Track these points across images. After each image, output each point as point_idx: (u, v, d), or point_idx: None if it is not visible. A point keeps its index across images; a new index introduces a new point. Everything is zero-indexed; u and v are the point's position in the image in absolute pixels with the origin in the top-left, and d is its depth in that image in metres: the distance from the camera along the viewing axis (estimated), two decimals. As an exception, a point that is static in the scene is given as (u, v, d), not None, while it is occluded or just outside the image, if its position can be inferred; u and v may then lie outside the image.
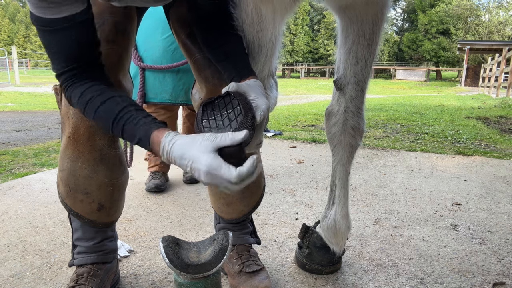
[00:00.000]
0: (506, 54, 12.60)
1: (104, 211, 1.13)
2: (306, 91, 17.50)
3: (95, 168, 1.08)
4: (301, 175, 2.61)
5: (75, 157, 1.07)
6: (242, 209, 1.29)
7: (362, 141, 1.23)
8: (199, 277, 0.96)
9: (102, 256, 1.17)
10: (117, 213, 1.19)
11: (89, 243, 1.16)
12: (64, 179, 1.10)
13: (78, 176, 1.08)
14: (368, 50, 1.11)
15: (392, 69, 35.19)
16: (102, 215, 1.13)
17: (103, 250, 1.18)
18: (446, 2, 35.52)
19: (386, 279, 1.32)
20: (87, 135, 1.05)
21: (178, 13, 1.20)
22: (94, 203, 1.11)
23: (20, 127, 5.08)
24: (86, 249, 1.16)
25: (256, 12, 0.99)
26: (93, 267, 1.15)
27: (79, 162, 1.07)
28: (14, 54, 15.90)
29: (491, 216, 1.91)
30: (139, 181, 2.43)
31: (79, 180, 1.08)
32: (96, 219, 1.13)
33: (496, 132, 4.54)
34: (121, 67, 1.08)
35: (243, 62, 1.01)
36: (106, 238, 1.20)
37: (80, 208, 1.11)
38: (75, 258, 1.17)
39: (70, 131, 1.05)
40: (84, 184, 1.08)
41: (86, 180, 1.08)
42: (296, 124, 5.16)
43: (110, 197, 1.13)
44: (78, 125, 1.04)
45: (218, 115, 0.90)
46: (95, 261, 1.16)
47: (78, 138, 1.05)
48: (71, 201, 1.11)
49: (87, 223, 1.14)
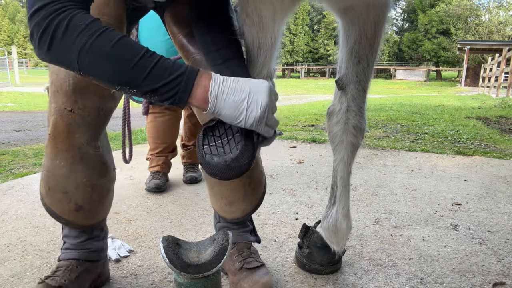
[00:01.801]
0: (506, 54, 12.60)
1: (82, 212, 1.12)
2: (306, 91, 17.50)
3: (74, 167, 1.06)
4: (301, 175, 2.61)
5: (54, 155, 1.06)
6: (245, 208, 1.29)
7: (363, 140, 1.23)
8: (199, 277, 0.96)
9: (86, 253, 1.17)
10: (97, 216, 1.18)
11: (75, 241, 1.17)
12: (44, 178, 1.09)
13: (57, 174, 1.07)
14: (370, 50, 1.11)
15: (392, 69, 35.18)
16: (80, 216, 1.12)
17: (88, 249, 1.18)
18: (446, 2, 35.53)
19: (386, 279, 1.32)
20: (66, 132, 1.04)
21: (176, 13, 1.19)
22: (71, 203, 1.10)
23: (20, 127, 5.08)
24: (71, 245, 1.17)
25: (257, 13, 1.00)
26: (73, 262, 1.15)
27: (57, 160, 1.05)
28: (14, 54, 15.90)
29: (491, 216, 1.91)
30: (139, 181, 2.43)
31: (57, 178, 1.07)
32: (73, 220, 1.12)
33: (496, 132, 4.54)
34: None
35: (240, 67, 1.01)
36: (92, 237, 1.20)
37: (58, 208, 1.10)
38: (62, 253, 1.19)
39: (51, 128, 1.05)
40: (62, 183, 1.07)
41: (64, 179, 1.07)
42: (296, 124, 5.16)
43: (88, 198, 1.11)
44: (58, 122, 1.03)
45: (219, 141, 0.91)
46: (76, 257, 1.16)
47: (58, 136, 1.04)
48: (50, 200, 1.11)
49: (64, 223, 1.14)
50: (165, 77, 0.72)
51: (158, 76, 0.72)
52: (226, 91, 0.78)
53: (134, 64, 0.71)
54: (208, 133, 0.93)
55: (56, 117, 1.03)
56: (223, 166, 0.87)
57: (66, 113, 1.03)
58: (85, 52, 0.71)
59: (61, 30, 0.70)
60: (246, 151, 0.87)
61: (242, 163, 0.87)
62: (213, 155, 0.89)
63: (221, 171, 0.87)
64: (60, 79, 1.03)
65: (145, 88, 0.73)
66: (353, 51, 1.13)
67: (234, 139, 0.89)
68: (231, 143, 0.89)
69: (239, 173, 0.88)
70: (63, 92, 1.03)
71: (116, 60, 0.72)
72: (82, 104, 1.04)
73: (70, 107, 1.03)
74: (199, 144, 0.92)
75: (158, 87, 0.73)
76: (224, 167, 0.86)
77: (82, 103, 1.04)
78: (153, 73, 0.72)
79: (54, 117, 1.04)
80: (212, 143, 0.91)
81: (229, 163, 0.86)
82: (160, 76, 0.72)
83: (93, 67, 0.72)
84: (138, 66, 0.71)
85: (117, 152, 3.19)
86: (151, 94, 0.74)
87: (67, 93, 1.03)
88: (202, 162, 0.90)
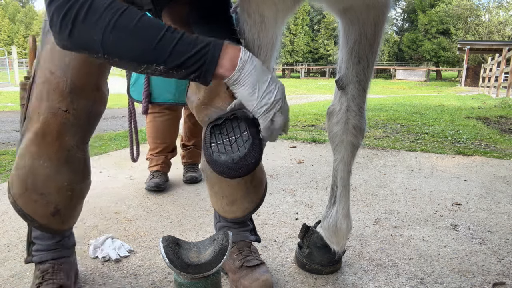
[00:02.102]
0: (506, 54, 12.60)
1: (58, 217, 1.10)
2: (306, 91, 17.50)
3: (58, 169, 1.04)
4: (301, 175, 2.61)
5: (38, 155, 1.03)
6: (247, 207, 1.29)
7: (363, 140, 1.23)
8: (199, 277, 0.96)
9: (62, 251, 1.17)
10: (70, 220, 1.17)
11: (49, 242, 1.15)
12: (22, 177, 1.05)
13: (38, 175, 1.04)
14: (370, 50, 1.11)
15: (392, 69, 35.19)
16: (55, 220, 1.10)
17: (63, 246, 1.18)
18: (446, 2, 35.53)
19: (386, 279, 1.32)
20: (57, 133, 1.02)
21: (174, 13, 1.19)
22: (49, 205, 1.07)
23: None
24: (45, 247, 1.15)
25: (259, 13, 1.00)
26: (55, 262, 1.14)
27: (41, 160, 1.03)
28: (14, 54, 15.89)
29: (491, 216, 1.91)
30: (139, 181, 2.43)
31: (38, 179, 1.04)
32: (47, 223, 1.10)
33: (496, 132, 4.54)
34: (101, 73, 1.09)
35: None
36: (65, 236, 1.19)
37: (33, 210, 1.07)
38: (33, 255, 1.15)
39: (39, 127, 1.01)
40: (42, 184, 1.05)
41: (46, 180, 1.04)
42: (296, 124, 5.16)
43: (68, 202, 1.10)
44: (49, 122, 1.01)
45: (227, 139, 0.91)
46: (55, 257, 1.15)
47: (47, 136, 1.01)
48: (25, 202, 1.07)
49: (36, 227, 1.10)
50: (189, 50, 0.72)
51: (183, 51, 0.72)
52: (255, 63, 0.79)
53: (159, 40, 0.70)
54: (215, 131, 0.93)
55: (47, 116, 1.01)
56: (230, 164, 0.87)
57: (60, 113, 1.01)
58: (109, 31, 0.70)
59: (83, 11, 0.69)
60: (253, 150, 0.88)
61: (249, 162, 0.88)
62: (221, 153, 0.89)
63: (228, 170, 0.87)
64: (56, 78, 1.00)
65: (171, 64, 0.73)
66: (353, 51, 1.13)
67: (241, 138, 0.90)
68: (239, 141, 0.90)
69: (246, 171, 0.88)
70: (59, 91, 1.01)
71: (140, 37, 0.70)
72: (77, 105, 1.03)
73: (66, 108, 1.01)
74: (206, 142, 0.92)
75: (183, 61, 0.73)
76: (232, 165, 0.87)
77: (77, 105, 1.03)
78: (177, 48, 0.72)
79: (45, 116, 1.01)
80: (219, 141, 0.91)
81: (236, 161, 0.87)
82: (184, 51, 0.72)
83: (119, 47, 0.71)
84: (162, 42, 0.71)
85: (121, 151, 3.21)
86: (178, 68, 0.74)
87: (63, 93, 1.01)
88: (209, 160, 0.90)
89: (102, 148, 3.40)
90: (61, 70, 1.01)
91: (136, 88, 2.10)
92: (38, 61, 1.04)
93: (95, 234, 1.65)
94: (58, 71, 1.01)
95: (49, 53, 1.02)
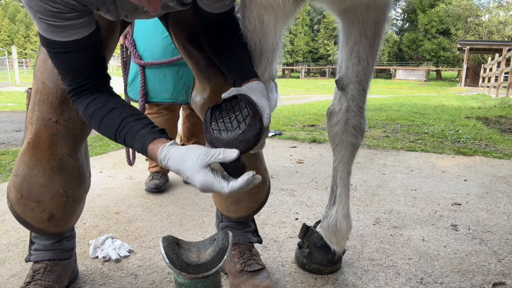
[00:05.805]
0: (506, 54, 12.60)
1: (54, 221, 1.12)
2: (306, 91, 17.50)
3: (52, 177, 1.07)
4: (301, 175, 2.61)
5: (32, 164, 1.06)
6: (251, 206, 1.29)
7: (363, 140, 1.23)
8: (199, 277, 0.96)
9: (60, 253, 1.18)
10: (68, 224, 1.18)
11: (47, 242, 1.17)
12: (17, 185, 1.09)
13: (33, 183, 1.07)
14: (370, 50, 1.11)
15: (392, 69, 35.16)
16: (51, 225, 1.13)
17: (61, 248, 1.19)
18: (446, 2, 35.53)
19: (386, 279, 1.32)
20: (49, 143, 1.04)
21: (180, 16, 1.19)
22: (45, 212, 1.10)
23: (20, 127, 5.07)
24: (43, 246, 1.17)
25: (259, 19, 1.01)
26: (50, 263, 1.15)
27: (35, 170, 1.06)
28: (14, 54, 15.89)
29: (491, 216, 1.91)
30: (139, 181, 2.43)
31: (33, 187, 1.07)
32: (44, 228, 1.13)
33: (496, 132, 4.54)
34: None
35: (246, 64, 1.02)
36: (64, 237, 1.20)
37: (30, 217, 1.10)
38: (32, 254, 1.18)
39: (31, 137, 1.04)
40: (37, 192, 1.07)
41: (40, 188, 1.07)
42: (296, 124, 5.16)
43: (63, 208, 1.12)
44: (40, 132, 1.03)
45: (227, 117, 0.93)
46: (52, 258, 1.16)
47: (38, 145, 1.04)
48: (21, 209, 1.10)
49: (35, 231, 1.14)
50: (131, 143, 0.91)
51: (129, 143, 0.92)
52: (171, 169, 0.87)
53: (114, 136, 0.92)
54: (215, 111, 0.95)
55: (38, 127, 1.03)
56: (231, 139, 0.88)
57: (51, 124, 1.03)
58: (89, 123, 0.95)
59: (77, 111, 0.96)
60: (253, 125, 0.89)
61: (249, 137, 0.88)
62: (221, 131, 0.91)
63: (229, 145, 0.88)
64: (47, 89, 1.02)
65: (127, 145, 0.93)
66: (353, 51, 1.13)
67: (241, 114, 0.92)
68: (239, 117, 0.91)
69: (246, 147, 0.89)
70: (49, 102, 1.02)
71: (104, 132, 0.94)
72: (68, 115, 1.04)
73: (56, 119, 1.03)
74: (207, 122, 0.93)
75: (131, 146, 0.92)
76: (232, 140, 0.88)
77: (67, 115, 1.04)
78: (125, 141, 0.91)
79: (37, 126, 1.03)
80: (219, 120, 0.93)
81: (237, 136, 0.88)
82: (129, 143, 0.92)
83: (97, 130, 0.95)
84: (117, 141, 0.92)
85: (121, 151, 3.21)
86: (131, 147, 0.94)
87: (53, 104, 1.02)
88: (210, 139, 0.91)
89: (102, 148, 3.40)
90: (52, 81, 1.02)
91: (133, 88, 2.09)
92: (34, 70, 1.07)
93: (95, 234, 1.65)
94: (49, 82, 1.02)
95: (42, 63, 1.04)
